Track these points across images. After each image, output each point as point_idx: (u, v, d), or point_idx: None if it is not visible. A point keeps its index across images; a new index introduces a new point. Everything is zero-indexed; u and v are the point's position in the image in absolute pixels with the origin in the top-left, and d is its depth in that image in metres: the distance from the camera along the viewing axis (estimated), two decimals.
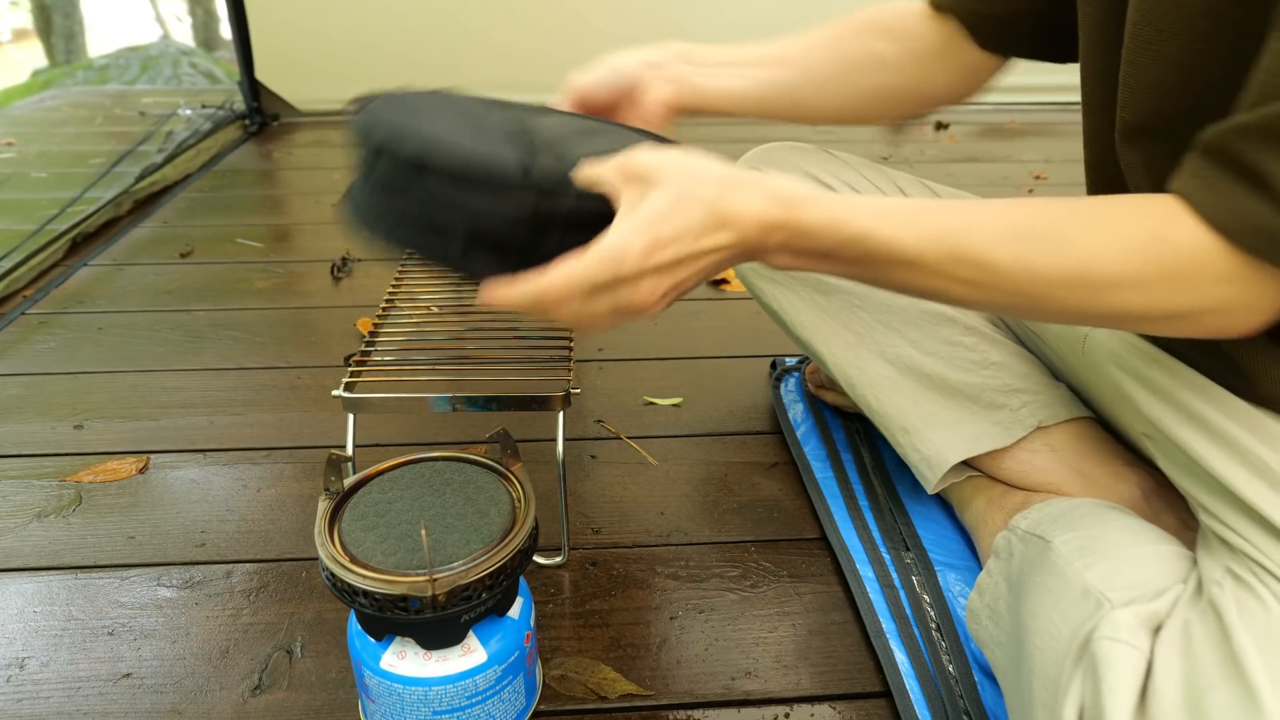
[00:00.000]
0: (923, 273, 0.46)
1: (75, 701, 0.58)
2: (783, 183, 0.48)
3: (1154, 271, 0.41)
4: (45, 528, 0.74)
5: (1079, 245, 0.43)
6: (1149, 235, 0.42)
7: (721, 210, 0.46)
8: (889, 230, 0.46)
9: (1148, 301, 0.42)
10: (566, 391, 0.65)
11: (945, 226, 0.45)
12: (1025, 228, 0.44)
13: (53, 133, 2.12)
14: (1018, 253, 0.44)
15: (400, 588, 0.46)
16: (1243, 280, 0.40)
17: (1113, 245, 0.42)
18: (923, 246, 0.45)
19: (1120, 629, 0.42)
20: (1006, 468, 0.65)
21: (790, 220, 0.47)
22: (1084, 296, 0.43)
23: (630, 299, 0.47)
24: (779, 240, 0.47)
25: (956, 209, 0.46)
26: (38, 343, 1.07)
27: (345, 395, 0.66)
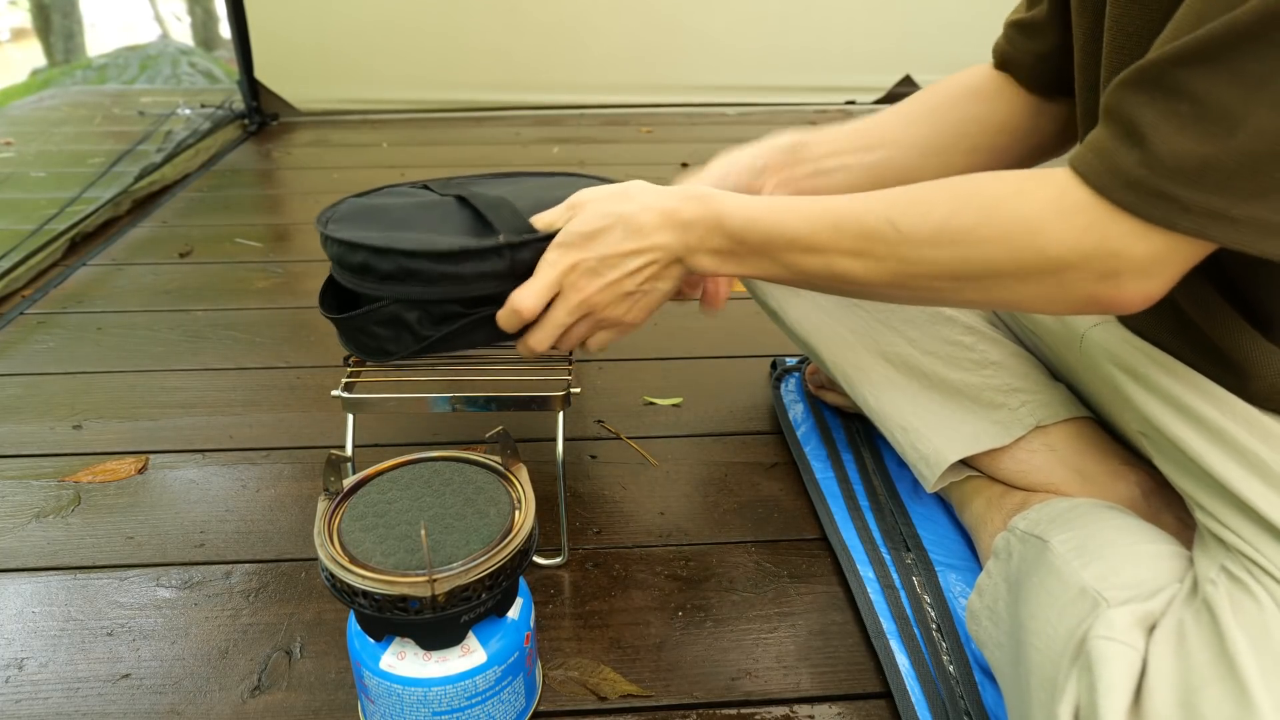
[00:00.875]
0: (813, 250, 0.50)
1: (74, 702, 0.57)
2: (702, 189, 0.55)
3: (1009, 224, 0.42)
4: (44, 528, 0.74)
5: (942, 203, 0.45)
6: (1012, 191, 0.43)
7: (632, 221, 0.54)
8: (780, 215, 0.51)
9: (1008, 256, 0.43)
10: (566, 391, 0.64)
11: (829, 205, 0.50)
12: (899, 195, 0.48)
13: (52, 132, 2.12)
14: (888, 214, 0.47)
15: (400, 588, 0.46)
16: (1103, 235, 0.40)
17: (972, 202, 0.44)
18: (809, 222, 0.50)
19: (1115, 628, 0.42)
20: (1005, 467, 0.65)
21: (703, 214, 0.53)
22: (952, 255, 0.45)
23: (582, 298, 0.56)
24: (695, 240, 0.54)
25: (846, 195, 0.50)
26: (36, 343, 1.06)
27: (344, 395, 0.66)
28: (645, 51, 2.19)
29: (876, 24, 2.19)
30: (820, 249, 0.50)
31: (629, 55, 2.19)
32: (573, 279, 0.56)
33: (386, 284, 0.59)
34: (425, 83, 2.18)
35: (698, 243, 0.54)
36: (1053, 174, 0.42)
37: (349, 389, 0.67)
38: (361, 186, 0.73)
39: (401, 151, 1.93)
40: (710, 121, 2.16)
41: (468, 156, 1.88)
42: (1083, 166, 0.41)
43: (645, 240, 0.55)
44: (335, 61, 2.15)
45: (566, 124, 2.14)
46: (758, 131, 0.70)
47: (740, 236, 0.53)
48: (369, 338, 0.62)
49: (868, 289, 0.51)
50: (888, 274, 0.49)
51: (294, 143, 2.01)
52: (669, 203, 0.55)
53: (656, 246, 0.55)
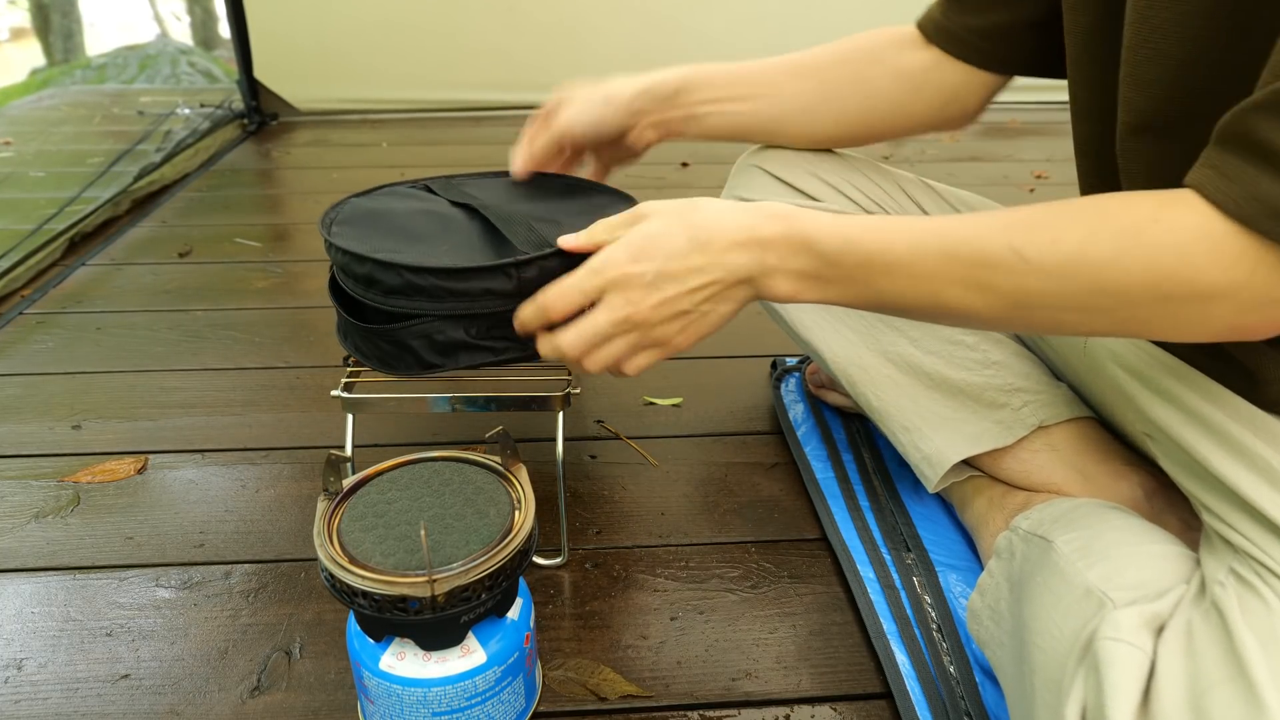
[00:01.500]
0: (918, 277, 0.46)
1: (73, 703, 0.57)
2: (783, 206, 0.50)
3: (1154, 254, 0.39)
4: (43, 528, 0.74)
5: (1072, 231, 0.42)
6: (1148, 218, 0.40)
7: (702, 233, 0.50)
8: (882, 235, 0.47)
9: (1151, 288, 0.40)
10: (566, 391, 0.64)
11: (938, 227, 0.46)
12: (1017, 219, 0.44)
13: (51, 132, 2.11)
14: (1010, 241, 0.43)
15: (399, 588, 0.46)
16: (1254, 266, 0.38)
17: (1106, 229, 0.41)
18: (915, 247, 0.45)
19: (1123, 629, 0.42)
20: (1007, 467, 0.65)
21: (786, 233, 0.49)
22: (1083, 285, 0.41)
23: (632, 311, 0.51)
24: (774, 260, 0.49)
25: (949, 216, 0.46)
26: (35, 343, 1.06)
27: (344, 395, 0.66)
28: (644, 51, 2.18)
29: (876, 24, 2.19)
30: (927, 276, 0.45)
31: (628, 55, 2.19)
32: (623, 288, 0.51)
33: (392, 298, 0.57)
34: (425, 82, 2.17)
35: (777, 263, 0.49)
36: (1183, 198, 0.39)
37: (349, 389, 0.67)
38: (361, 186, 0.73)
39: (401, 151, 1.93)
40: None
41: (467, 156, 1.87)
42: (1217, 194, 0.38)
43: (714, 256, 0.49)
44: (335, 61, 2.15)
45: None
46: None
47: (832, 259, 0.48)
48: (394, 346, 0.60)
49: (974, 319, 0.47)
50: (1006, 306, 0.44)
51: (293, 142, 2.01)
52: (746, 218, 0.50)
53: (727, 265, 0.49)
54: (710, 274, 0.50)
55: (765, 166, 0.74)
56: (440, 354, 0.59)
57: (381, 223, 0.65)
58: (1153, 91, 0.45)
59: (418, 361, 0.60)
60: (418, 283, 0.56)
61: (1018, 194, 1.63)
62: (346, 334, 0.65)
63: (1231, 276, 0.39)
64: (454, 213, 0.67)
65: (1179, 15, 0.42)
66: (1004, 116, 2.18)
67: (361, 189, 0.72)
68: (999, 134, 2.07)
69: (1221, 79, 0.42)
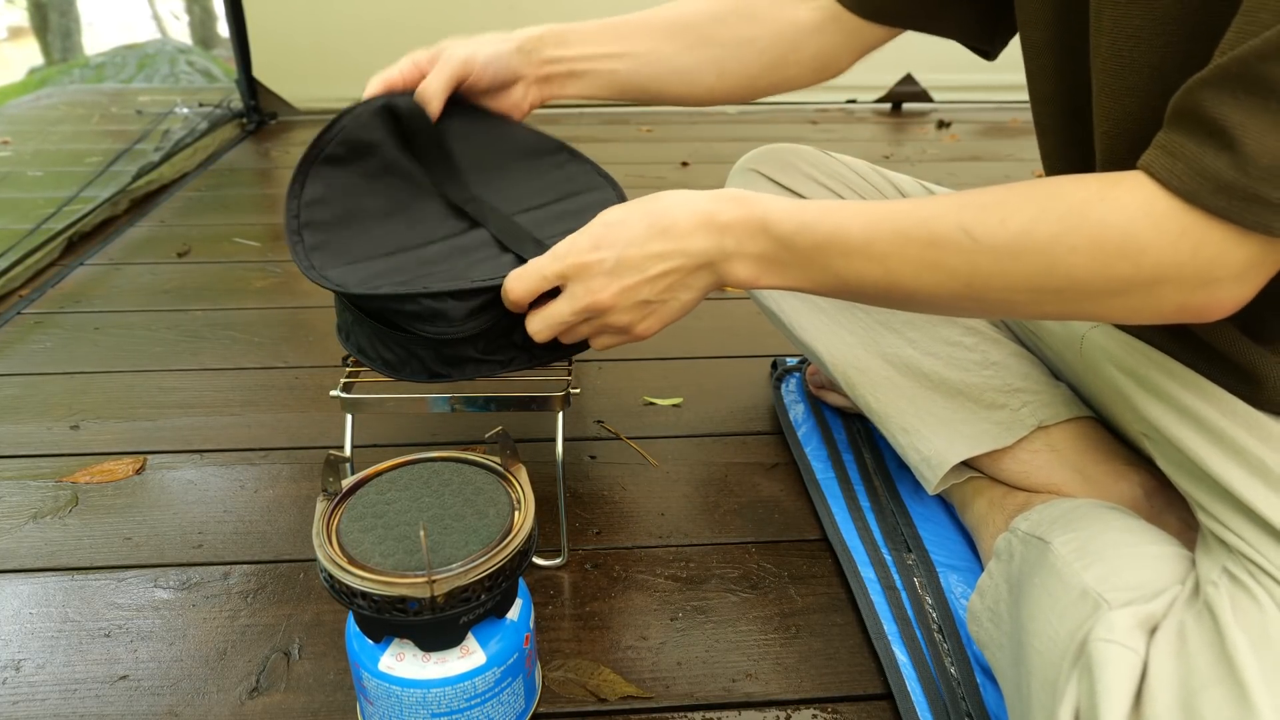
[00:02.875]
0: (873, 258, 0.46)
1: (71, 704, 0.57)
2: (739, 191, 0.51)
3: (1099, 232, 0.40)
4: (41, 529, 0.74)
5: (1021, 211, 0.42)
6: (1094, 197, 0.40)
7: (661, 220, 0.51)
8: (837, 218, 0.47)
9: (1097, 267, 0.40)
10: (566, 391, 0.64)
11: (892, 210, 0.46)
12: (970, 200, 0.45)
13: (49, 131, 2.11)
14: (960, 221, 0.43)
15: (399, 589, 0.46)
16: (1198, 244, 0.38)
17: (1054, 208, 0.41)
18: (870, 228, 0.46)
19: (1116, 630, 0.42)
20: (1007, 468, 0.65)
21: (744, 217, 0.50)
22: (1035, 265, 0.42)
23: (592, 300, 0.53)
24: (732, 244, 0.50)
25: (907, 200, 0.47)
26: (34, 343, 1.06)
27: (343, 395, 0.65)
28: None
29: None
30: (881, 257, 0.46)
31: None
32: (583, 276, 0.52)
33: (416, 323, 0.57)
34: None
35: (735, 247, 0.50)
36: (1131, 178, 0.40)
37: (348, 389, 0.66)
38: None
39: None
40: (710, 120, 2.16)
41: None
42: (1163, 172, 0.38)
43: (674, 243, 0.50)
44: (334, 60, 2.14)
45: (566, 123, 2.14)
46: (758, 130, 0.70)
47: (788, 242, 0.49)
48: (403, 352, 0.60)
49: (930, 302, 0.47)
50: (958, 286, 0.45)
51: (292, 142, 2.01)
52: (703, 204, 0.50)
53: (686, 250, 0.50)
54: (671, 260, 0.51)
55: (762, 170, 0.74)
56: (448, 365, 0.59)
57: (360, 229, 0.64)
58: (1129, 100, 0.45)
59: (424, 369, 0.60)
60: (437, 308, 0.55)
61: None
62: (349, 334, 0.64)
63: (1175, 254, 0.39)
64: (425, 202, 0.67)
65: (1152, 22, 0.42)
66: (1004, 116, 2.18)
67: None
68: (999, 134, 2.07)
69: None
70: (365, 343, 0.62)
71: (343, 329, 0.65)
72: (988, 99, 2.27)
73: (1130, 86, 0.45)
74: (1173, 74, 0.42)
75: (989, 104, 2.22)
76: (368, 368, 0.68)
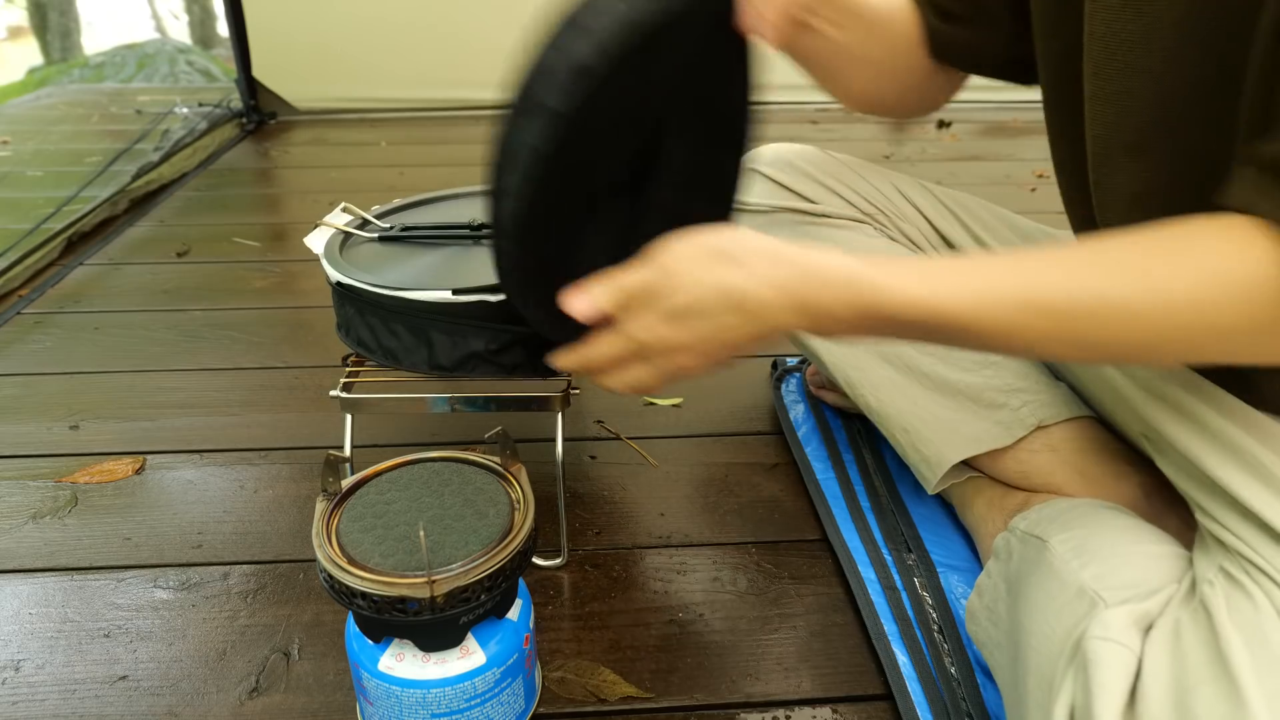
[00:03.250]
0: (999, 338, 0.43)
1: (71, 704, 0.57)
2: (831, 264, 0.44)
3: (1248, 287, 0.38)
4: (41, 529, 0.73)
5: (1155, 267, 0.40)
6: (1231, 247, 0.39)
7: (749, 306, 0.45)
8: (969, 304, 0.42)
9: (1249, 318, 0.39)
10: (566, 391, 0.64)
11: (1014, 278, 0.42)
12: (1092, 260, 0.41)
13: (48, 131, 2.11)
14: (1089, 284, 0.40)
15: (398, 589, 0.46)
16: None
17: (1185, 266, 0.39)
18: (997, 307, 0.42)
19: (1111, 628, 0.42)
20: (1007, 467, 0.64)
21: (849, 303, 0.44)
22: (1159, 324, 0.40)
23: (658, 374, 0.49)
24: (832, 324, 0.45)
25: (1014, 261, 0.42)
26: (33, 342, 1.06)
27: (343, 395, 0.65)
28: None
29: None
30: (1006, 334, 0.42)
31: None
32: (661, 356, 0.48)
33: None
34: (424, 81, 2.17)
35: (832, 327, 0.45)
36: (1251, 225, 0.39)
37: (347, 389, 0.66)
38: (360, 185, 0.73)
39: (400, 150, 1.93)
40: None
41: (467, 155, 1.87)
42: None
43: (760, 325, 0.45)
44: (334, 60, 2.14)
45: None
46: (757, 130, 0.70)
47: (901, 322, 0.44)
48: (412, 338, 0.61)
49: (1054, 357, 0.45)
50: (1090, 350, 0.43)
51: (292, 141, 2.01)
52: (793, 283, 0.44)
53: (775, 329, 0.45)
54: (757, 334, 0.46)
55: (763, 170, 0.74)
56: (454, 360, 0.60)
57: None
58: (1121, 104, 0.45)
59: (429, 360, 0.60)
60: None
61: (1019, 193, 1.63)
62: (349, 328, 0.64)
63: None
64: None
65: (1146, 28, 0.42)
66: (1005, 116, 2.18)
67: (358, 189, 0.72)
68: (1000, 133, 2.07)
69: (1199, 97, 0.42)
70: (367, 334, 0.62)
71: (345, 322, 0.65)
72: (988, 99, 2.26)
73: (1123, 90, 0.45)
74: (1172, 83, 0.42)
75: (989, 104, 2.22)
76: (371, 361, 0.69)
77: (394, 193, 1.62)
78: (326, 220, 0.71)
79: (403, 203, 0.79)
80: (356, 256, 0.69)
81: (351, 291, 0.63)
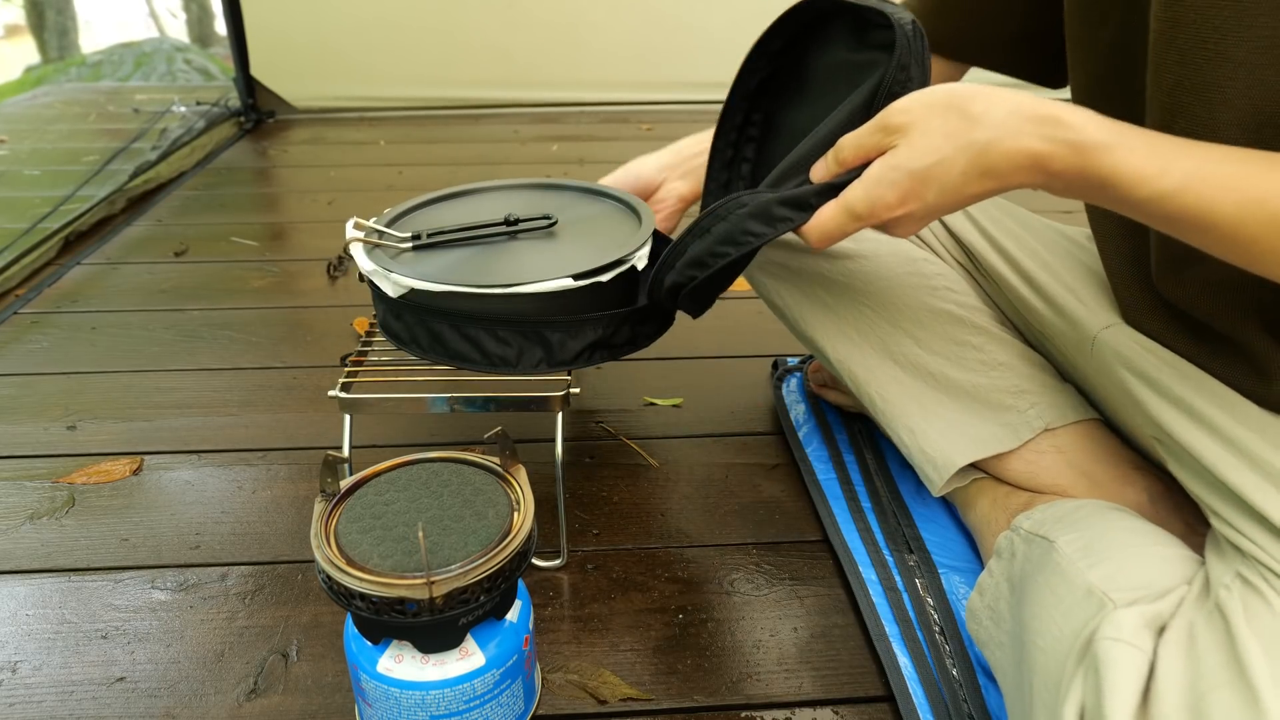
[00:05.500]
0: (1236, 242, 0.41)
1: (68, 706, 0.57)
2: (1072, 118, 0.43)
3: None
4: (38, 529, 0.73)
5: None
6: None
7: (982, 161, 0.45)
8: (1208, 193, 0.41)
9: None
10: (566, 391, 0.64)
11: (1259, 184, 0.40)
12: None
13: (45, 130, 2.10)
14: None
15: (397, 590, 0.45)
16: None
17: None
18: (1244, 213, 0.40)
19: (1123, 629, 0.42)
20: (1013, 469, 0.64)
21: (1081, 170, 0.43)
22: None
23: (886, 222, 0.50)
24: (1060, 187, 0.45)
25: (1265, 162, 0.41)
26: (30, 342, 1.06)
27: (342, 396, 0.65)
28: (645, 48, 2.18)
29: None
30: (1248, 242, 0.40)
31: (629, 52, 2.18)
32: (893, 228, 0.49)
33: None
34: (423, 80, 2.17)
35: (1064, 189, 0.45)
36: None
37: (346, 389, 0.66)
38: (358, 184, 0.73)
39: (399, 149, 1.92)
40: (711, 119, 2.14)
41: (466, 154, 1.87)
42: None
43: (995, 183, 0.45)
44: (332, 58, 2.14)
45: (566, 121, 2.13)
46: None
47: (1132, 205, 0.43)
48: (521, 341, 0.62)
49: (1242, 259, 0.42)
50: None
51: (290, 140, 2.00)
52: (1033, 144, 0.43)
53: (1005, 188, 0.46)
54: (985, 193, 0.47)
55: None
56: (574, 354, 0.62)
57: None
58: (1211, 95, 0.43)
59: (548, 359, 0.61)
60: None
61: (1023, 192, 1.62)
62: (441, 341, 0.63)
63: None
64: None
65: (1240, 13, 0.41)
66: None
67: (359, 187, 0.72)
68: None
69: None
70: (466, 346, 0.62)
71: (420, 339, 0.64)
72: None
73: (1212, 81, 0.43)
74: (1264, 73, 0.41)
75: None
76: (370, 365, 0.68)
77: (393, 191, 1.62)
78: (357, 236, 0.68)
79: (404, 208, 0.77)
80: (421, 267, 0.65)
81: (450, 300, 0.61)
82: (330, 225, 1.45)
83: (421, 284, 0.61)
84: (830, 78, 0.62)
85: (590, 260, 0.62)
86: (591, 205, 0.76)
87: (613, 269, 0.62)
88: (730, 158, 0.71)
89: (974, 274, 0.72)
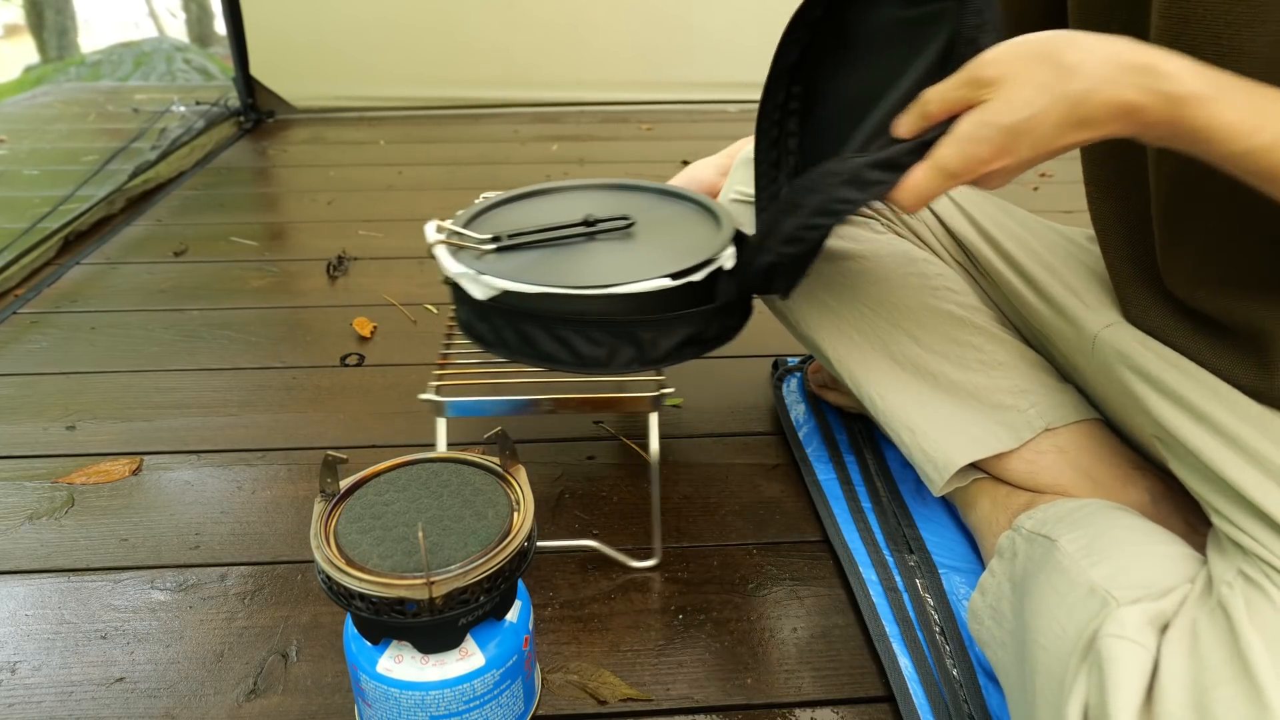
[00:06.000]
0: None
1: (68, 706, 0.57)
2: (1170, 68, 0.42)
3: None
4: (37, 530, 0.73)
5: None
6: None
7: (1078, 111, 0.43)
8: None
9: None
10: (659, 393, 0.65)
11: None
12: None
13: (45, 130, 2.10)
14: None
15: (397, 591, 0.45)
16: None
17: None
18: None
19: (1127, 627, 0.42)
20: (1013, 469, 0.64)
21: (1174, 120, 0.42)
22: None
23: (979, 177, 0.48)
24: (1152, 136, 0.44)
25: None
26: (29, 342, 1.05)
27: (435, 399, 0.65)
28: (645, 48, 2.18)
29: None
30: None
31: (629, 52, 2.18)
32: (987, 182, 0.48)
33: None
34: (423, 80, 2.17)
35: (1155, 138, 0.44)
36: None
37: (439, 391, 0.65)
38: (358, 184, 0.72)
39: (399, 149, 1.92)
40: (711, 119, 2.16)
41: (466, 154, 1.87)
42: None
43: (1089, 133, 0.44)
44: (332, 58, 2.14)
45: (566, 121, 2.13)
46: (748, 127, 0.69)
47: (1224, 158, 0.42)
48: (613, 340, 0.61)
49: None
50: None
51: (290, 140, 2.00)
52: (1127, 94, 0.42)
53: (1098, 135, 0.44)
54: (1078, 142, 0.45)
55: None
56: (665, 351, 0.61)
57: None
58: None
59: (640, 359, 0.60)
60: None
61: (1021, 192, 1.62)
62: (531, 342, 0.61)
63: None
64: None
65: (1255, 7, 0.41)
66: None
67: (358, 187, 0.71)
68: None
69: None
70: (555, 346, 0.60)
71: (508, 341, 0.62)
72: None
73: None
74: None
75: None
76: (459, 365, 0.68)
77: (393, 191, 1.62)
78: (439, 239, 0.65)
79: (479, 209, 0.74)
80: (505, 267, 0.64)
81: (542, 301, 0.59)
82: (330, 225, 1.45)
83: (516, 286, 0.60)
84: (881, 38, 0.60)
85: (672, 260, 0.61)
86: (665, 206, 0.74)
87: (704, 268, 0.61)
88: (776, 136, 0.70)
89: (974, 274, 0.72)
